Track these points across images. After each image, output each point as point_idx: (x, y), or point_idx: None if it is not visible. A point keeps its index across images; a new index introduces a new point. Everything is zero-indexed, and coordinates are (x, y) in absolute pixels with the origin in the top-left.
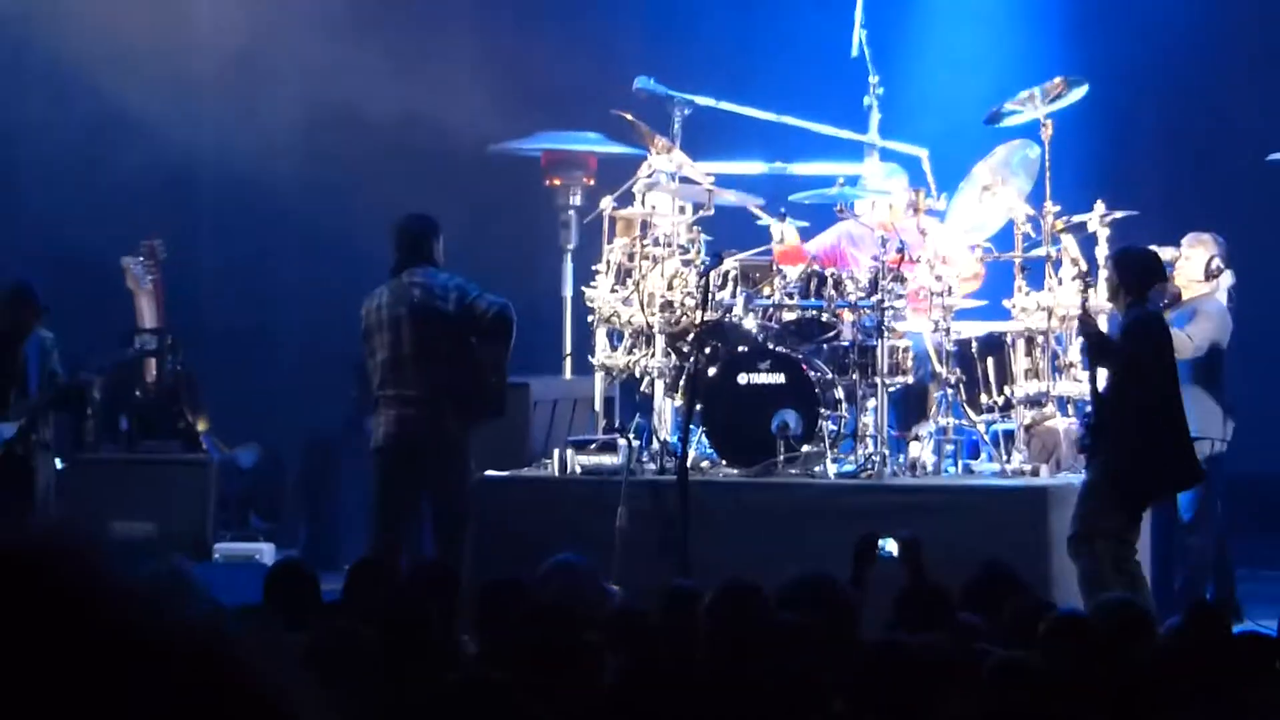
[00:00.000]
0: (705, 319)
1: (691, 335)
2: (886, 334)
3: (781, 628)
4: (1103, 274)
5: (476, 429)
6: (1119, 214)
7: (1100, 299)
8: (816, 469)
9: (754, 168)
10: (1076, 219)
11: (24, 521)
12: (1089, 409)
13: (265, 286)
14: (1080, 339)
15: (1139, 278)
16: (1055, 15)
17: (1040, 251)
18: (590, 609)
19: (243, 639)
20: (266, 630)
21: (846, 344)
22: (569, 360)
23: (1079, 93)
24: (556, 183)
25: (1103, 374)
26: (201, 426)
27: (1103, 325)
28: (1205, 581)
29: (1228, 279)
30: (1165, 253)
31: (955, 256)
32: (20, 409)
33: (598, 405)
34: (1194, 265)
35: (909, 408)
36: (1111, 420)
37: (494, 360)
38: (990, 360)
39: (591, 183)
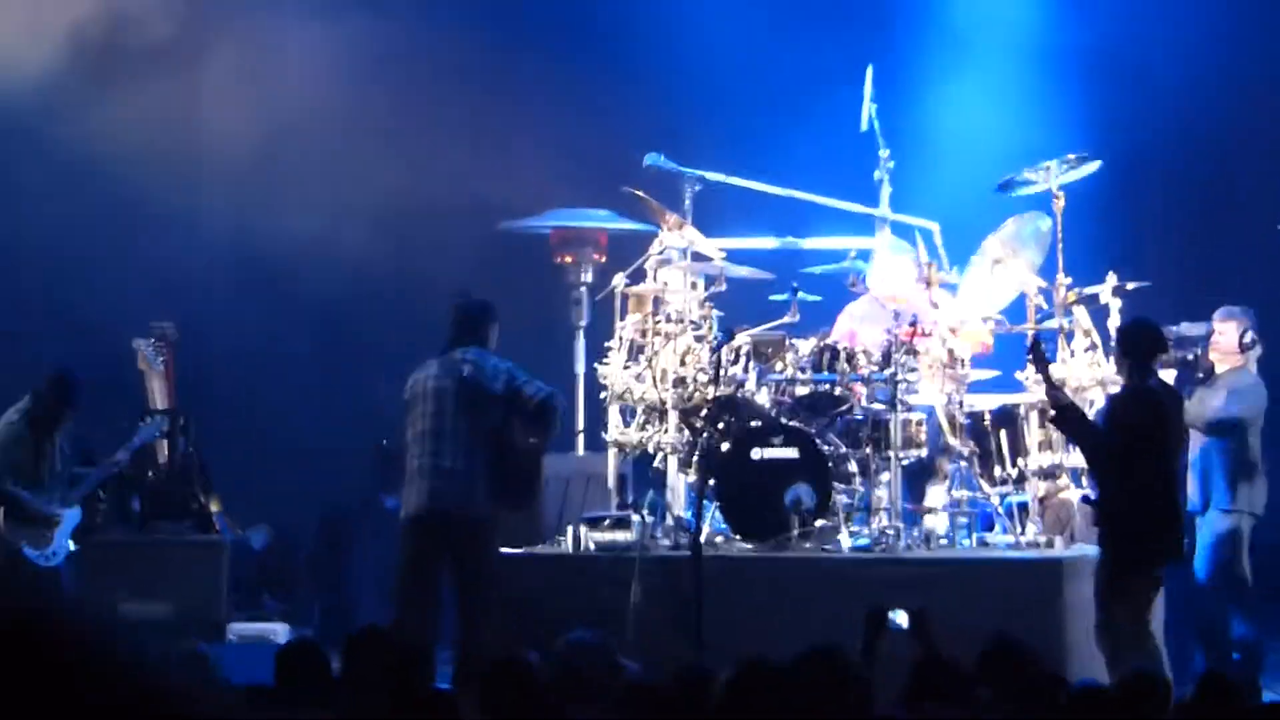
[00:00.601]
0: (718, 394)
1: (704, 411)
2: (899, 407)
3: (796, 706)
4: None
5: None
6: (1131, 285)
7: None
8: (830, 543)
9: (765, 243)
10: (1089, 291)
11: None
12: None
13: (276, 368)
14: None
15: (1141, 350)
16: (1066, 87)
17: (1053, 324)
18: (606, 686)
19: None
20: (278, 710)
21: (859, 417)
22: (582, 437)
23: (1091, 167)
24: (568, 260)
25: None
26: (214, 507)
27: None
28: (1229, 652)
29: (1257, 351)
30: (1197, 328)
31: (966, 325)
32: (77, 493)
33: (611, 482)
34: (1228, 339)
35: (922, 481)
36: (1103, 500)
37: (532, 448)
38: (1003, 432)
39: (603, 259)
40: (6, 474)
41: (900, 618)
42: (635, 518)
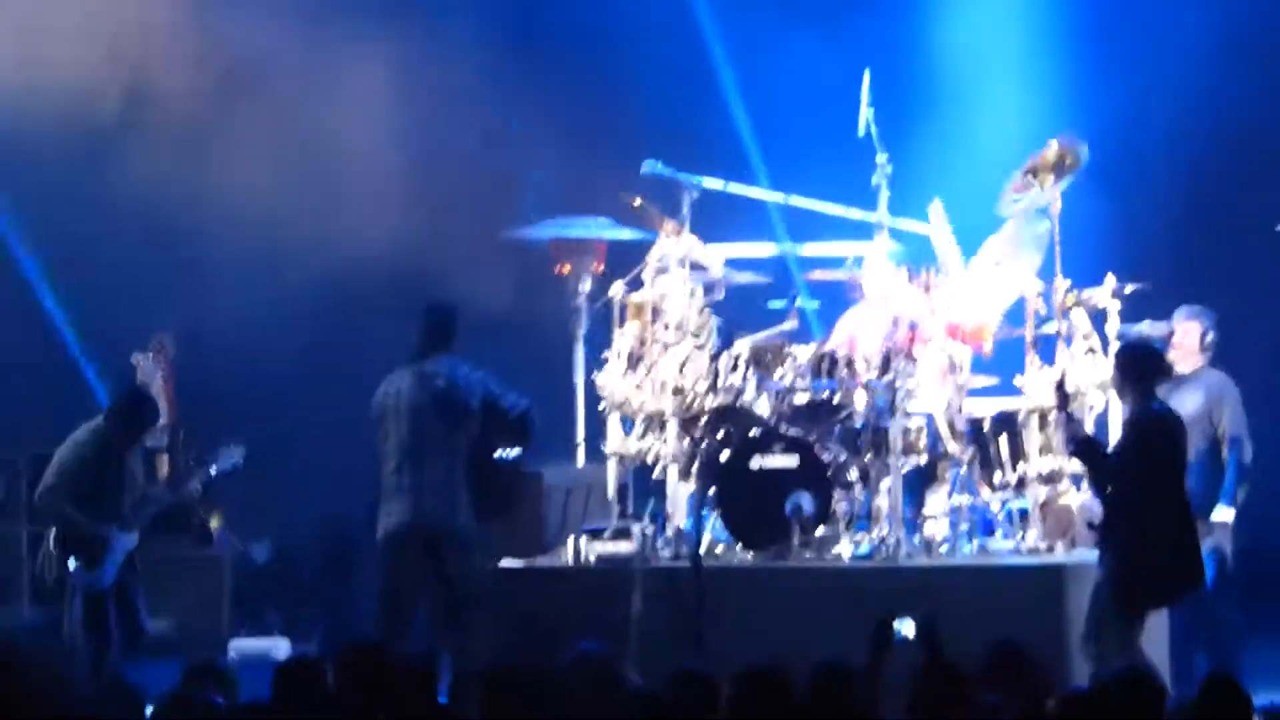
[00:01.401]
0: (717, 403)
1: (704, 420)
2: (899, 413)
3: (800, 716)
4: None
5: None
6: (1130, 288)
7: (1087, 379)
8: (831, 551)
9: (764, 249)
10: (1087, 293)
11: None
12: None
13: (276, 383)
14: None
15: (1137, 374)
16: (1063, 91)
17: (1052, 327)
18: (609, 698)
19: None
20: None
21: (859, 425)
22: (582, 448)
23: (1081, 158)
24: (566, 269)
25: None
26: (215, 522)
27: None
28: (1230, 653)
29: (1211, 351)
30: (1158, 327)
31: (971, 319)
32: (138, 518)
33: (611, 492)
34: (1190, 339)
35: (923, 487)
36: (1111, 524)
37: (510, 462)
38: (1003, 438)
39: (601, 268)
40: (68, 493)
41: (906, 627)
42: (636, 529)
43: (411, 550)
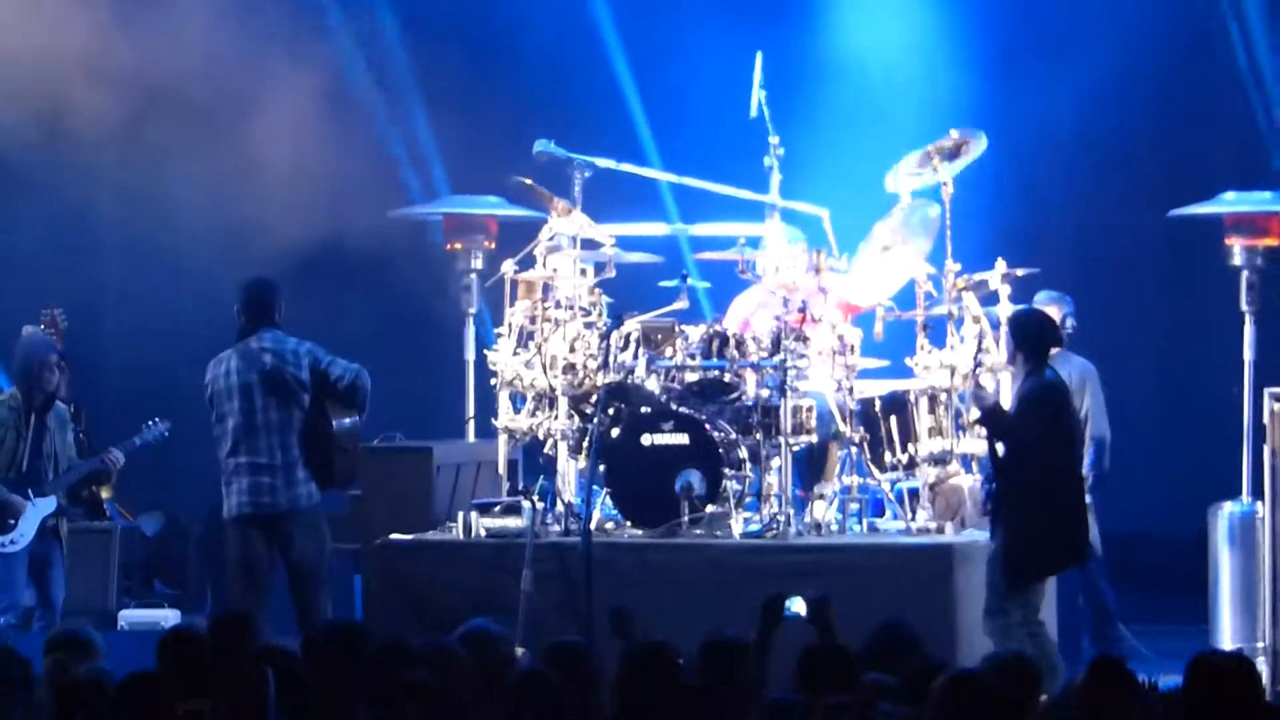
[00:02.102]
0: (608, 380)
1: (594, 397)
2: (790, 393)
3: (689, 691)
4: (1003, 335)
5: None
6: (1020, 271)
7: (998, 359)
8: (721, 529)
9: (656, 229)
10: (978, 277)
11: None
12: (991, 470)
13: (166, 353)
14: (973, 406)
15: (1035, 342)
16: (958, 72)
17: (942, 310)
18: (501, 674)
19: None
20: (155, 697)
21: (750, 404)
22: (472, 424)
23: (979, 148)
24: (457, 247)
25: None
26: (105, 494)
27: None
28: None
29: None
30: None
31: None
32: (58, 484)
33: (501, 468)
34: None
35: (813, 467)
36: (1005, 494)
37: (347, 429)
38: (894, 418)
39: (492, 246)
40: None
41: (798, 605)
42: (526, 504)
43: (254, 531)
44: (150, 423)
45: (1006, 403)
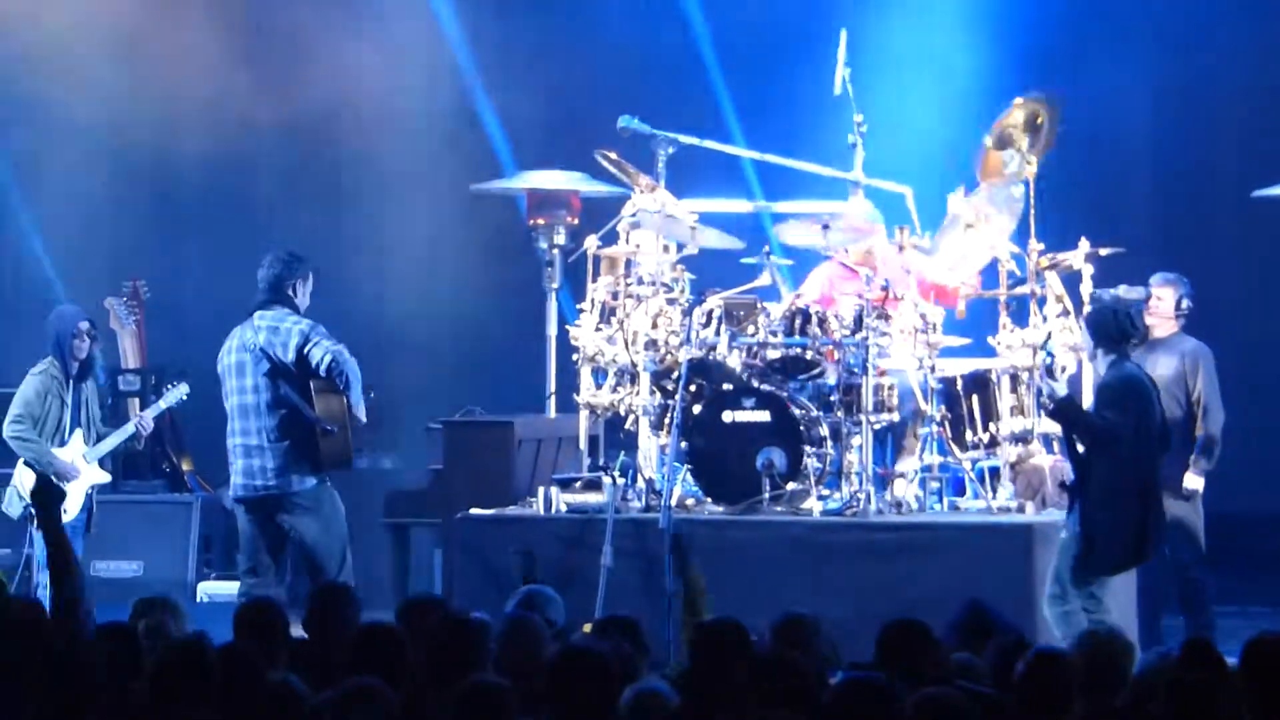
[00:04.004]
0: (690, 357)
1: (676, 373)
2: (871, 371)
3: (761, 665)
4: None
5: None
6: (1104, 251)
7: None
8: (801, 507)
9: (738, 206)
10: (1061, 256)
11: None
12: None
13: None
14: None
15: (1111, 334)
16: (1041, 52)
17: (1025, 289)
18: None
19: None
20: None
21: (832, 382)
22: (553, 399)
23: (1047, 114)
24: (540, 222)
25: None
26: (186, 466)
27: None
28: (1204, 618)
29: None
30: (1135, 292)
31: (944, 283)
32: (95, 452)
33: (582, 444)
34: (1166, 304)
35: (894, 445)
36: (1082, 485)
37: (332, 409)
38: (975, 397)
39: (575, 222)
40: (32, 424)
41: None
42: (607, 480)
43: (254, 514)
44: (169, 385)
45: (1089, 389)
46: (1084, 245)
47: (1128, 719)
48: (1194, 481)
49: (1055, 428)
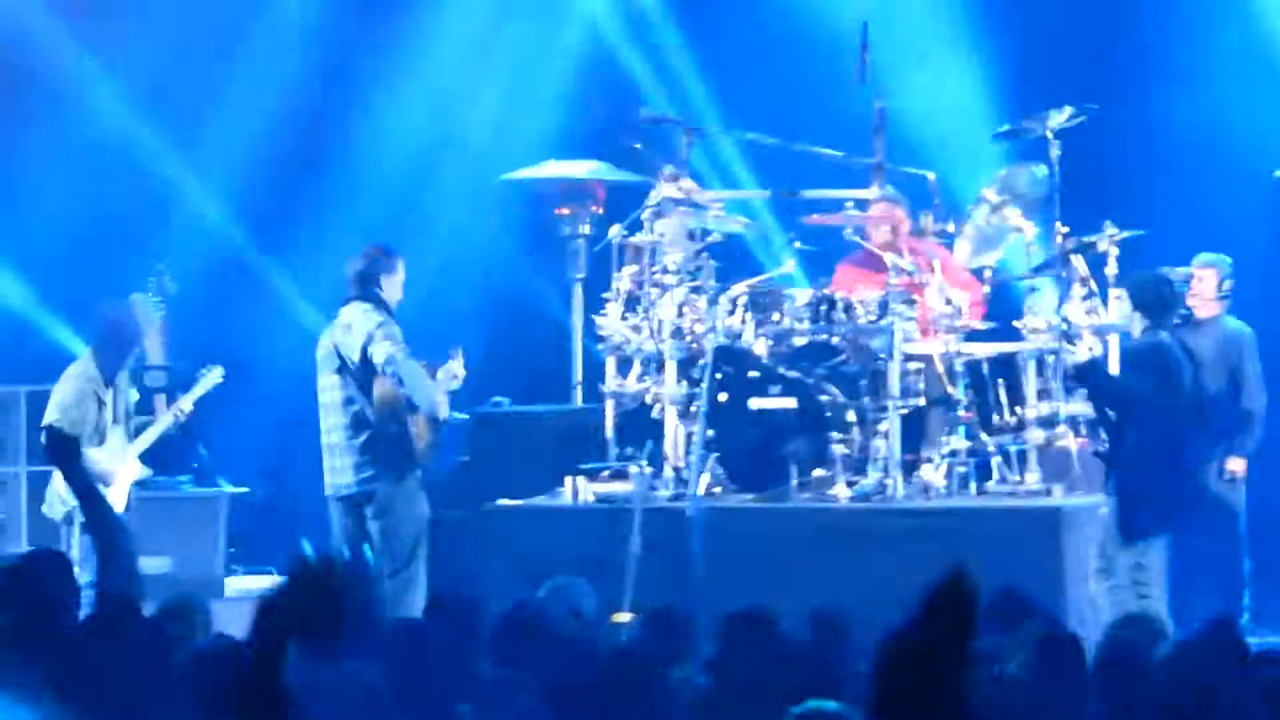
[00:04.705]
0: (715, 345)
1: (702, 361)
2: (897, 356)
3: (792, 654)
4: (1113, 297)
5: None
6: (1128, 234)
7: (1103, 318)
8: (828, 493)
9: (762, 194)
10: (1086, 239)
11: None
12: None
13: (275, 318)
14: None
15: (1153, 301)
16: (1063, 34)
17: (1050, 272)
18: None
19: None
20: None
21: (857, 367)
22: (579, 388)
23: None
24: (565, 211)
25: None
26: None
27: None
28: (1233, 600)
29: (1228, 300)
30: (1175, 273)
31: (964, 281)
32: (136, 447)
33: (609, 433)
34: (1207, 285)
35: (921, 430)
36: (1114, 454)
37: (393, 407)
38: (1001, 381)
39: (600, 211)
40: (70, 424)
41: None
42: (633, 469)
43: (339, 511)
44: (203, 370)
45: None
46: (1108, 228)
47: (1148, 706)
48: (1235, 463)
49: (1083, 409)
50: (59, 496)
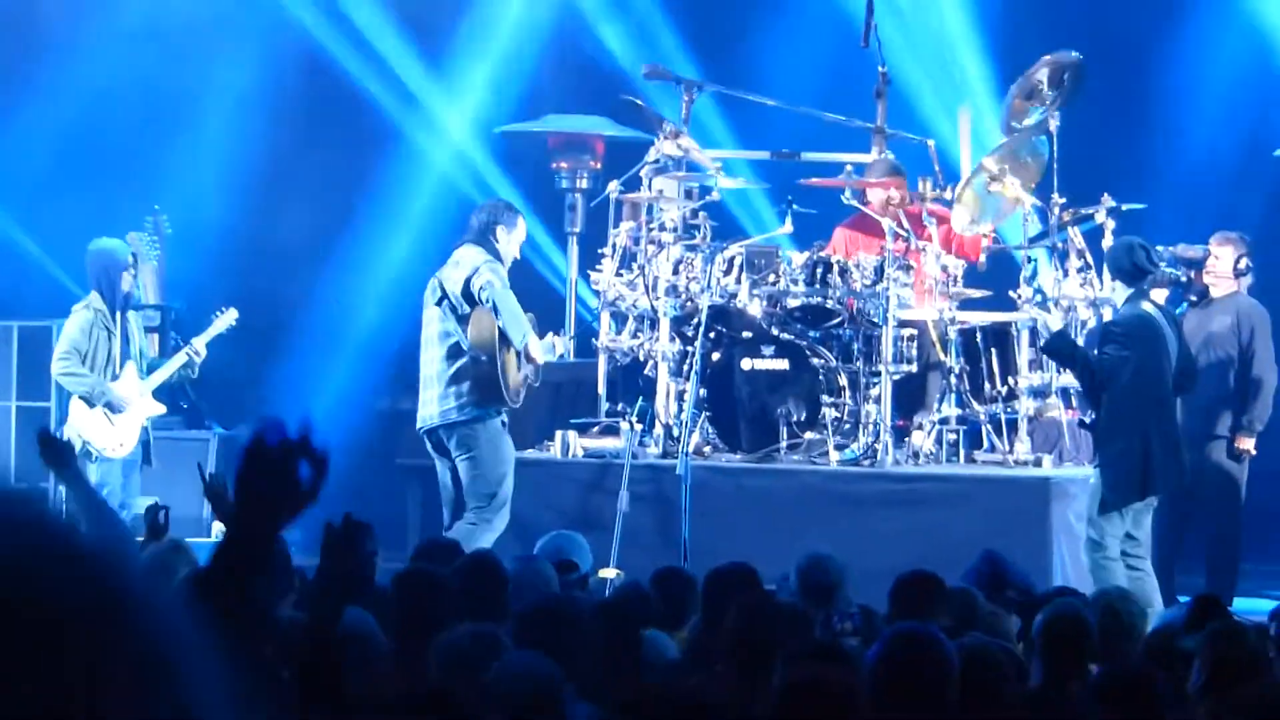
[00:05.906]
0: (710, 304)
1: (696, 320)
2: (891, 322)
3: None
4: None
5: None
6: (1126, 206)
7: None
8: (818, 456)
9: (761, 155)
10: (1084, 211)
11: None
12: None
13: (273, 260)
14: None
15: (1127, 268)
16: (1070, 10)
17: (1047, 243)
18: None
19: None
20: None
21: (851, 331)
22: (573, 343)
23: (1074, 72)
24: (563, 166)
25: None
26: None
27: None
28: (1224, 575)
29: (1249, 278)
30: (1194, 250)
31: (964, 238)
32: (150, 384)
33: (601, 388)
34: (1224, 263)
35: (912, 396)
36: (1096, 423)
37: (484, 339)
38: (995, 350)
39: (598, 166)
40: (80, 359)
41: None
42: (624, 425)
43: (430, 442)
44: (218, 311)
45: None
46: (1106, 200)
47: (1134, 681)
48: (1243, 441)
49: (1074, 381)
50: (78, 437)
